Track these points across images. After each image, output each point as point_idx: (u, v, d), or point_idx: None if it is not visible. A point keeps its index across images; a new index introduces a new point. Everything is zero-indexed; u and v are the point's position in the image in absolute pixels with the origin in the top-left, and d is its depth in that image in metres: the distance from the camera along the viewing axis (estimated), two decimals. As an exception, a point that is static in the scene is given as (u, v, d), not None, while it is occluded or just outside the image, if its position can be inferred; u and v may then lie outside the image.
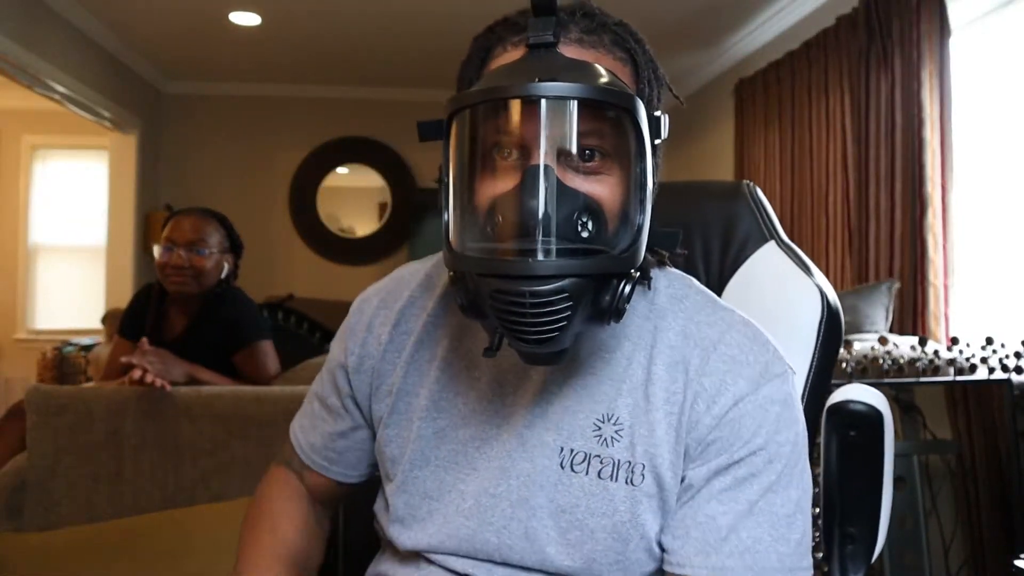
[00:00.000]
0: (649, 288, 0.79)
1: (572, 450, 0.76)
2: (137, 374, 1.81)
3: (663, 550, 0.75)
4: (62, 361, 4.93)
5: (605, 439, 0.75)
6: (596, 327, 0.68)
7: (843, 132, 3.37)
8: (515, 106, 0.65)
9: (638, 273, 0.67)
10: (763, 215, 1.07)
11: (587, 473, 0.75)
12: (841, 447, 0.95)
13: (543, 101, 0.62)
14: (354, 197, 6.05)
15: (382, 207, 5.94)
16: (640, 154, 0.66)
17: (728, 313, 0.80)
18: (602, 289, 0.65)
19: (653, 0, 3.86)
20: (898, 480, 1.82)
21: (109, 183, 5.17)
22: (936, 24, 2.81)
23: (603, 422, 0.76)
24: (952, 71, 2.80)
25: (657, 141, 0.70)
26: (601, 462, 0.75)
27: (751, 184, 1.12)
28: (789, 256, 1.03)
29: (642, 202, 0.66)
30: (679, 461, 0.74)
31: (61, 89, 4.16)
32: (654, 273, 0.81)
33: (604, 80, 0.65)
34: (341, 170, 5.87)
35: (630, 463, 0.74)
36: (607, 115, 0.66)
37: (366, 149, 5.81)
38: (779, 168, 3.98)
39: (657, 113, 0.69)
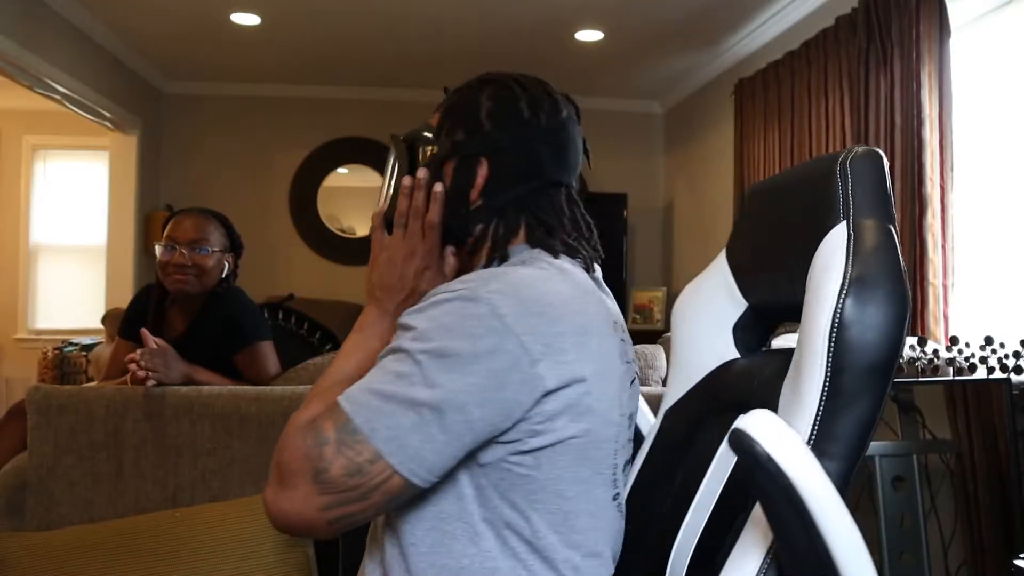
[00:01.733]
0: (499, 261, 1.00)
1: None
2: (141, 375, 1.82)
3: None
4: (63, 361, 4.94)
5: None
6: None
7: (843, 132, 3.37)
8: None
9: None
10: (847, 192, 0.84)
11: None
12: (749, 480, 0.71)
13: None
14: (354, 197, 6.05)
15: (382, 207, 5.94)
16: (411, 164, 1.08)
17: (492, 270, 0.91)
18: None
19: (653, 0, 3.87)
20: (897, 480, 1.82)
21: (109, 183, 5.17)
22: (936, 24, 2.81)
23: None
24: (952, 71, 2.80)
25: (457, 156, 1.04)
26: None
27: (851, 154, 0.86)
28: (851, 238, 0.81)
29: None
30: None
31: (61, 89, 4.16)
32: (525, 251, 1.00)
33: (421, 127, 1.07)
34: (341, 170, 5.87)
35: None
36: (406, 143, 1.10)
37: (366, 149, 5.81)
38: (779, 168, 3.98)
39: (460, 139, 1.03)
